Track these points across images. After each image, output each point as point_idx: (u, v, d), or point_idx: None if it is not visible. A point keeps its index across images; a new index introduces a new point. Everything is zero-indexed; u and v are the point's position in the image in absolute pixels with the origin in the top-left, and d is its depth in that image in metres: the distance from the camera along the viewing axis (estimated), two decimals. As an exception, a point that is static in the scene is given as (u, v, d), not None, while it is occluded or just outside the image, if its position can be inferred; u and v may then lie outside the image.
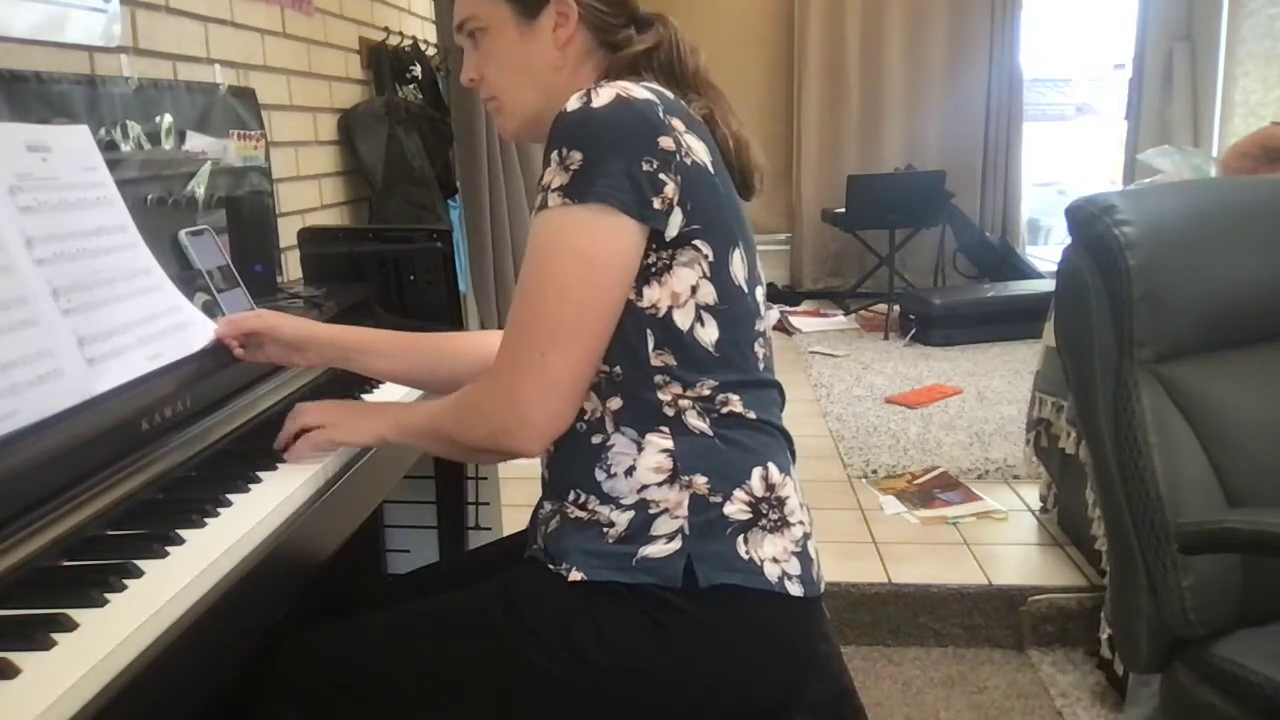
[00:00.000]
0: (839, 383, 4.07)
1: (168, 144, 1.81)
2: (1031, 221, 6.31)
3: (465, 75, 1.22)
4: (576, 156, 1.01)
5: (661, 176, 1.02)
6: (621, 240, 1.02)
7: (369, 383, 1.56)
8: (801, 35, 5.76)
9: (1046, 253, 5.99)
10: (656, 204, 1.02)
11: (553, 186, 1.02)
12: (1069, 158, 6.88)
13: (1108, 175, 5.80)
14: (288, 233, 2.30)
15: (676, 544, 1.04)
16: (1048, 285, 4.40)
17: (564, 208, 1.01)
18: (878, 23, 5.72)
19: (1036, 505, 2.73)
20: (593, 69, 1.17)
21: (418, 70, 3.37)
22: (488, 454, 1.11)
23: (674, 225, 1.03)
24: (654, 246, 1.04)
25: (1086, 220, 1.27)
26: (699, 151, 1.06)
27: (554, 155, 1.02)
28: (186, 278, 1.45)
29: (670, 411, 1.06)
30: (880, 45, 5.74)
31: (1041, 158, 6.32)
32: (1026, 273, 5.42)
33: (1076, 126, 6.97)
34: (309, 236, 1.97)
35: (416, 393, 1.51)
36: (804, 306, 5.63)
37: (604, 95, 1.03)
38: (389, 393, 1.55)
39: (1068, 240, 1.31)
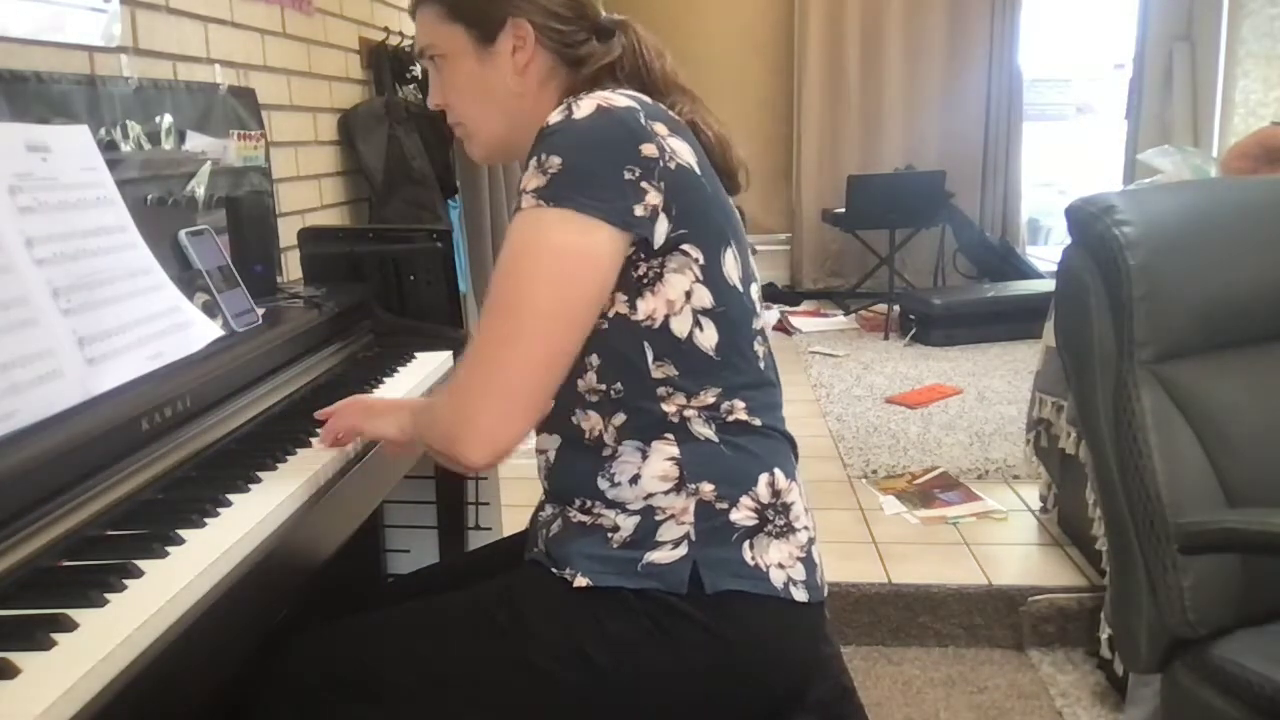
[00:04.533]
0: (839, 383, 4.07)
1: (168, 144, 1.81)
2: (1031, 221, 6.30)
3: (431, 100, 1.22)
4: (555, 161, 1.00)
5: (644, 184, 1.01)
6: (595, 247, 1.00)
7: (379, 378, 1.56)
8: (801, 35, 5.76)
9: (1046, 253, 5.98)
10: (639, 211, 1.01)
11: (528, 189, 1.01)
12: (1069, 158, 6.87)
13: (1108, 175, 5.79)
14: (288, 233, 2.30)
15: (683, 550, 1.04)
16: (1048, 285, 4.40)
17: (537, 209, 1.00)
18: (878, 23, 5.72)
19: (1036, 505, 2.73)
20: (556, 89, 1.16)
21: (418, 70, 3.37)
22: (443, 458, 1.07)
23: (660, 233, 1.03)
24: (643, 256, 1.03)
25: (1086, 220, 1.27)
26: (683, 154, 1.06)
27: (533, 161, 1.02)
28: (186, 278, 1.44)
29: (675, 420, 1.06)
30: (880, 45, 5.74)
31: (1041, 158, 6.31)
32: (1026, 273, 5.42)
33: (1076, 126, 6.97)
34: (309, 236, 1.97)
35: (430, 381, 1.51)
36: (804, 306, 5.63)
37: (585, 106, 1.02)
38: (401, 383, 1.55)
39: (1068, 240, 1.31)
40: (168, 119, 1.80)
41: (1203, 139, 4.48)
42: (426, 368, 1.68)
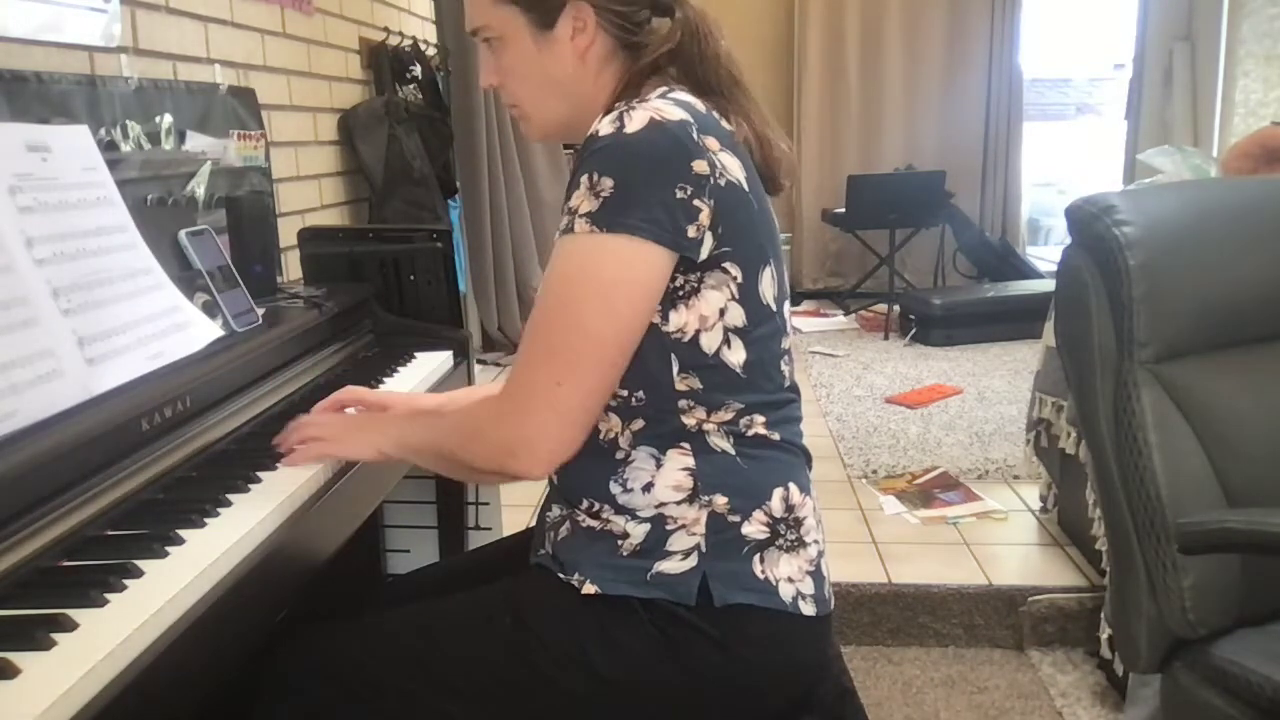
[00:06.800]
0: (839, 383, 4.07)
1: (168, 144, 1.81)
2: (1031, 221, 6.31)
3: (484, 80, 1.17)
4: (608, 184, 0.97)
5: (696, 203, 0.99)
6: (648, 271, 0.99)
7: (379, 378, 1.55)
8: (801, 35, 5.76)
9: (1046, 253, 5.99)
10: (691, 232, 0.99)
11: (580, 211, 0.98)
12: (1069, 158, 6.88)
13: (1108, 175, 5.80)
14: (288, 233, 2.30)
15: (693, 561, 1.03)
16: (1048, 285, 4.41)
17: (591, 235, 0.98)
18: (878, 23, 5.72)
19: (1036, 505, 2.73)
20: (613, 75, 1.12)
21: (418, 70, 3.37)
22: (491, 475, 1.08)
23: (705, 250, 1.01)
24: (682, 269, 1.02)
25: (1086, 220, 1.27)
26: (733, 169, 1.04)
27: (584, 179, 0.99)
28: (186, 278, 1.44)
29: (693, 431, 1.05)
30: (880, 45, 5.74)
31: (1041, 158, 6.32)
32: (1026, 273, 5.42)
33: (1076, 126, 6.98)
34: (309, 236, 1.97)
35: (431, 381, 1.49)
36: (804, 306, 5.63)
37: (637, 119, 0.99)
38: (401, 383, 1.55)
39: (1068, 240, 1.31)
40: (168, 119, 1.81)
41: (1203, 139, 4.48)
42: (426, 368, 1.68)
